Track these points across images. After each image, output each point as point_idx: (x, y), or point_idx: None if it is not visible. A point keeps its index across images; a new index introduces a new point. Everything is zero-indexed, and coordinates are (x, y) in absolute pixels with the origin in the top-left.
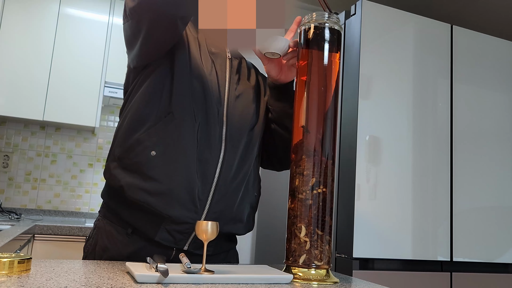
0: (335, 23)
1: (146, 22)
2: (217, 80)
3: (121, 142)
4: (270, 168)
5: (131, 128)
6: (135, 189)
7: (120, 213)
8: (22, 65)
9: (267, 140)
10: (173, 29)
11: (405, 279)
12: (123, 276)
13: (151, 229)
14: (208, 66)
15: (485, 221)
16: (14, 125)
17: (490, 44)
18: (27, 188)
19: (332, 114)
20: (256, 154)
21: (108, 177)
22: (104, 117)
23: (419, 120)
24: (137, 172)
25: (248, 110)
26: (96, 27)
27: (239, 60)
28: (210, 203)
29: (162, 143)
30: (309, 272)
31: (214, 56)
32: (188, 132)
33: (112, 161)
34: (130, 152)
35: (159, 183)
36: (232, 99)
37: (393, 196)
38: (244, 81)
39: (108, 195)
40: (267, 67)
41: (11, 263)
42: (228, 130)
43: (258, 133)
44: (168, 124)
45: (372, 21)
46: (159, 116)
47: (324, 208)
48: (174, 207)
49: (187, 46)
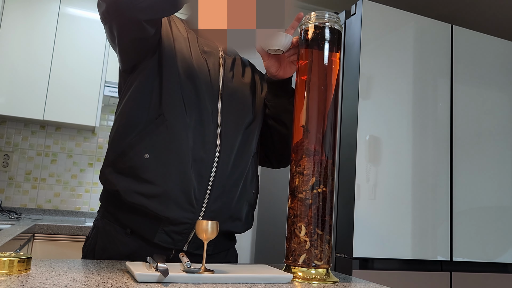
0: (335, 22)
1: (116, 26)
2: (210, 79)
3: (114, 146)
4: (267, 165)
5: (123, 133)
6: (131, 193)
7: (118, 216)
8: (22, 65)
9: (265, 136)
10: (142, 31)
11: (405, 279)
12: (123, 276)
13: (149, 231)
14: (200, 64)
15: (485, 221)
16: (14, 125)
17: (490, 44)
18: (27, 188)
19: (332, 113)
20: (253, 151)
21: (104, 181)
22: (104, 117)
23: (419, 120)
24: (131, 176)
25: (243, 108)
26: (96, 27)
27: (233, 58)
28: (207, 202)
29: (155, 146)
30: (309, 271)
31: (206, 54)
32: (181, 133)
33: (106, 166)
34: (123, 156)
35: (154, 185)
36: (226, 97)
37: (393, 196)
38: (239, 79)
39: (106, 199)
40: (267, 63)
41: (11, 262)
42: (223, 128)
43: (254, 130)
44: (159, 125)
45: (372, 21)
46: (149, 118)
47: (324, 207)
48: (171, 208)
49: (173, 46)
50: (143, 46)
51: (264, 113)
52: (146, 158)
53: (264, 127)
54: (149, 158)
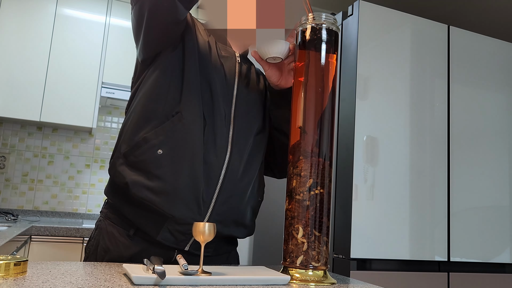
0: (332, 23)
1: (148, 4)
2: (226, 83)
3: (128, 139)
4: (270, 175)
5: (138, 125)
6: (140, 187)
7: (122, 210)
8: (19, 66)
9: (267, 146)
10: (174, 11)
11: (403, 280)
12: (120, 278)
13: (153, 228)
14: (217, 68)
15: (482, 221)
16: (11, 126)
17: (486, 44)
18: (24, 189)
19: (330, 114)
20: (262, 159)
21: (113, 173)
22: (101, 118)
23: (416, 121)
24: (142, 170)
25: (255, 115)
26: (93, 28)
27: (248, 65)
28: (214, 206)
29: (169, 142)
30: (306, 273)
31: (223, 59)
32: (196, 133)
33: (117, 158)
34: (136, 149)
35: (164, 182)
36: (240, 102)
37: (391, 197)
38: (253, 86)
39: (112, 192)
40: (268, 72)
41: (7, 265)
42: (235, 133)
43: (263, 138)
44: (176, 123)
45: (369, 22)
46: (166, 114)
47: (321, 209)
48: (178, 207)
49: (196, 46)
50: (170, 32)
51: (270, 123)
52: (159, 153)
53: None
54: (162, 154)
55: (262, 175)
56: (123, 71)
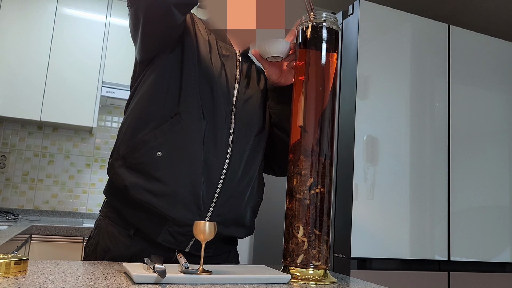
0: (333, 22)
1: (143, 9)
2: (226, 82)
3: (126, 140)
4: (270, 173)
5: (136, 127)
6: (140, 190)
7: (122, 212)
8: (19, 65)
9: (268, 144)
10: (170, 17)
11: (403, 279)
12: (120, 277)
13: (153, 230)
14: (217, 67)
15: (483, 221)
16: (11, 125)
17: (487, 43)
18: (24, 189)
19: (330, 113)
20: (261, 159)
21: (112, 175)
22: (102, 117)
23: (417, 120)
24: (142, 173)
25: (256, 114)
26: (94, 27)
27: (249, 64)
28: (214, 206)
29: (168, 144)
30: (307, 272)
31: (224, 58)
32: (195, 134)
33: (116, 160)
34: (135, 151)
35: (164, 184)
36: (241, 102)
37: (391, 196)
38: (254, 85)
39: (111, 193)
40: (268, 71)
41: (7, 264)
42: (235, 133)
43: (263, 138)
44: (175, 125)
45: (370, 21)
46: (164, 115)
47: (322, 208)
48: (178, 209)
49: (195, 46)
50: (166, 36)
51: (270, 121)
52: (158, 156)
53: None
54: (161, 156)
55: (262, 175)
56: (123, 70)
